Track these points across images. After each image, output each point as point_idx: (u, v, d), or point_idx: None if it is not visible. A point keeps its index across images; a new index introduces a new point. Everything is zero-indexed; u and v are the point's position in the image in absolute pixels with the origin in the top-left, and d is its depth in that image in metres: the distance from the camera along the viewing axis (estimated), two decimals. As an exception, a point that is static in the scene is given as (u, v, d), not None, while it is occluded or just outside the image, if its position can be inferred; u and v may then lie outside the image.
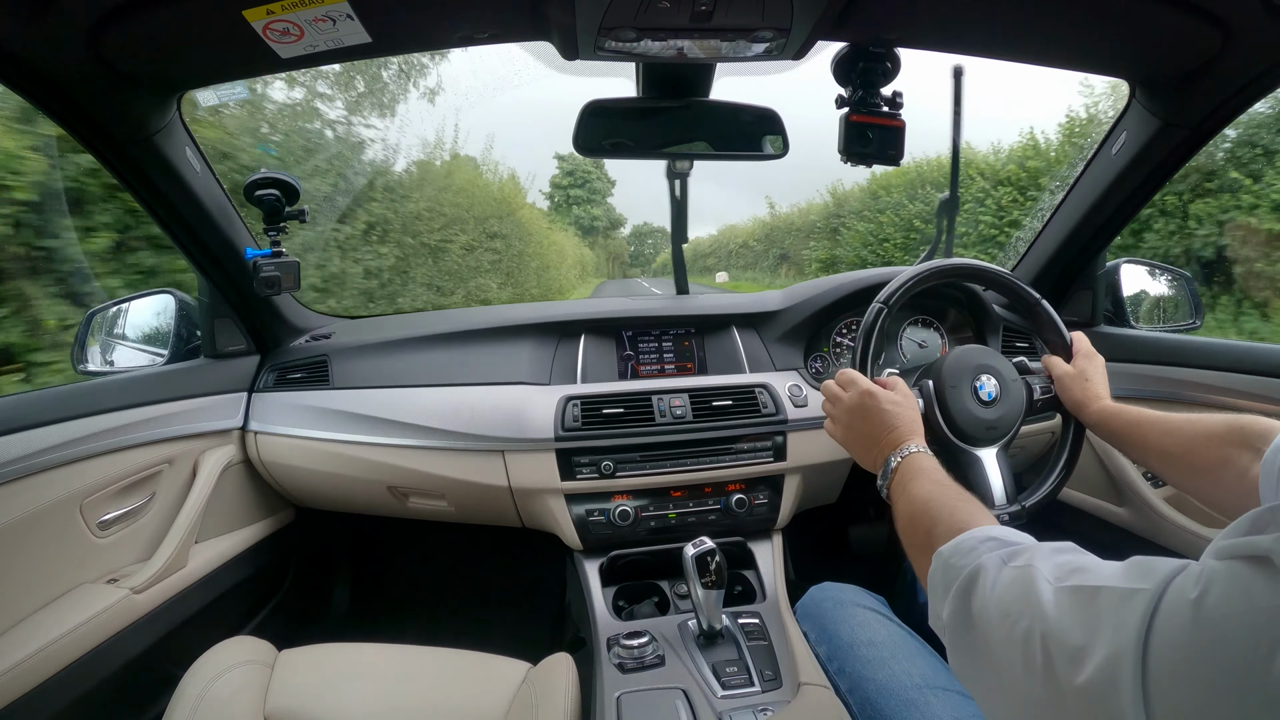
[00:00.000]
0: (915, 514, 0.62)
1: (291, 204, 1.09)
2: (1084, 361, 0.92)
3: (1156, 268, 1.37)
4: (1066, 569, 0.41)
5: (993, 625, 0.43)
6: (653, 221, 43.91)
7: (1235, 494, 0.69)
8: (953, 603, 0.47)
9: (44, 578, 0.88)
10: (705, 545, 0.91)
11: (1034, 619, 0.39)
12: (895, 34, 0.86)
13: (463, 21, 0.80)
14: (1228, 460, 0.69)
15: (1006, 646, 0.41)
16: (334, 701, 0.83)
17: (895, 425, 0.77)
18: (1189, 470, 0.74)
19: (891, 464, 0.72)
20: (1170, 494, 1.17)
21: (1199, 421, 0.75)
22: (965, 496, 0.62)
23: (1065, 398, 0.92)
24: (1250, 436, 0.68)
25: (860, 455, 0.81)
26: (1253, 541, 0.31)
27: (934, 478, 0.67)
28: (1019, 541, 0.49)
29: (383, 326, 1.33)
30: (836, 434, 0.85)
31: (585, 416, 1.12)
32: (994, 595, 0.44)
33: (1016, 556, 0.45)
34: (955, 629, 0.47)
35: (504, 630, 1.26)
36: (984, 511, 0.58)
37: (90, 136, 0.87)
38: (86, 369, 1.14)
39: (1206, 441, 0.72)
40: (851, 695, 0.81)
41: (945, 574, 0.50)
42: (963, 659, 0.47)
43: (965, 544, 0.51)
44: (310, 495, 1.29)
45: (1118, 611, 0.34)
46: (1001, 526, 0.53)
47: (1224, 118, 0.96)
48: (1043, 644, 0.38)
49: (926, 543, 0.57)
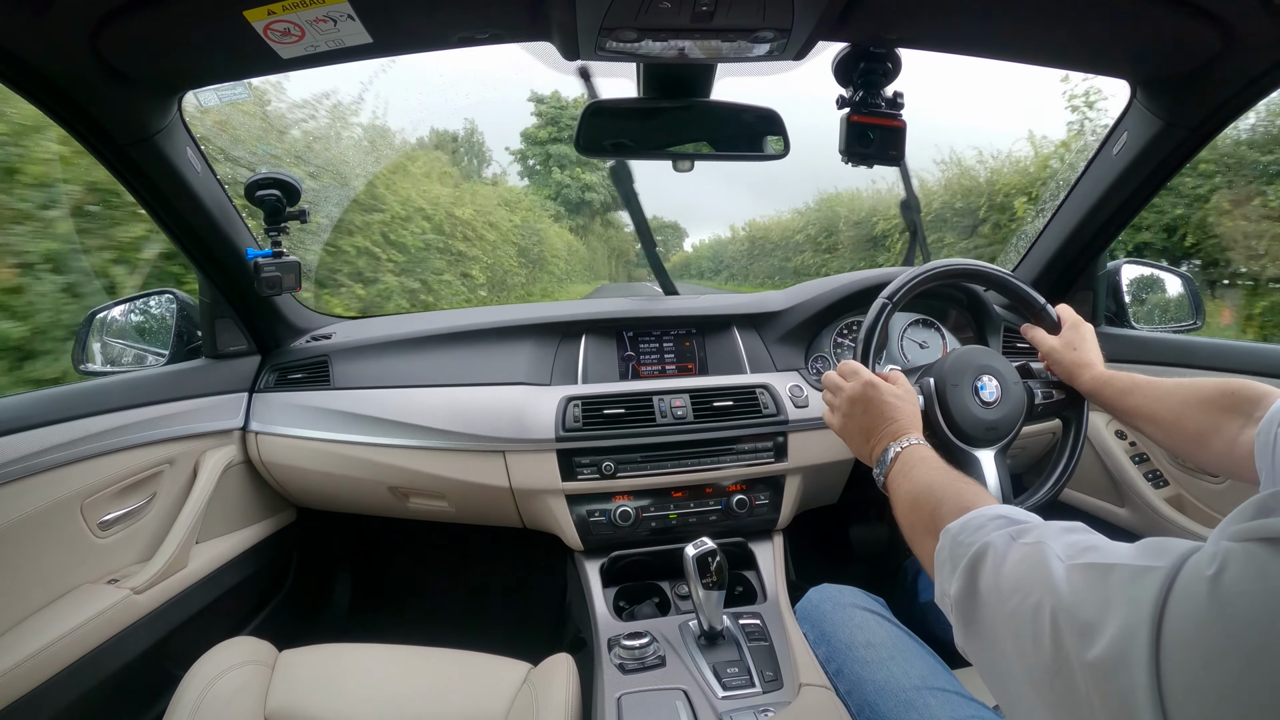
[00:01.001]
0: (918, 497, 0.62)
1: (292, 204, 1.09)
2: (1071, 332, 0.93)
3: (1157, 268, 1.37)
4: (1078, 547, 0.41)
5: (1002, 601, 0.43)
6: (663, 215, 38.96)
7: (1225, 460, 0.70)
8: (960, 579, 0.47)
9: (45, 578, 0.88)
10: (706, 546, 0.91)
11: (1045, 595, 0.39)
12: (896, 34, 0.86)
13: (463, 22, 0.80)
14: (1218, 427, 0.70)
15: (1016, 622, 0.41)
16: (334, 702, 0.83)
17: (895, 417, 0.77)
18: (1179, 436, 0.75)
19: (891, 453, 0.72)
20: (1170, 494, 1.17)
21: (1190, 386, 0.76)
22: (969, 481, 0.62)
23: (1057, 370, 0.93)
24: (1241, 402, 0.69)
25: (858, 445, 0.81)
26: (1267, 524, 0.31)
27: (935, 465, 0.66)
28: (1027, 520, 0.48)
29: (384, 327, 1.33)
30: (835, 423, 0.85)
31: (586, 417, 1.12)
32: (1004, 571, 0.44)
33: (1026, 534, 0.45)
34: (963, 605, 0.47)
35: (504, 631, 1.26)
36: (988, 494, 0.58)
37: (90, 136, 0.87)
38: (87, 369, 1.14)
39: (1197, 407, 0.73)
40: (850, 696, 0.81)
41: (954, 550, 0.50)
42: (970, 636, 0.47)
43: (974, 521, 0.50)
44: (311, 495, 1.29)
45: (1132, 588, 0.34)
46: (1010, 506, 0.52)
47: (1224, 118, 0.96)
48: (1053, 620, 0.37)
49: (931, 524, 0.56)
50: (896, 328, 1.32)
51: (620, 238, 27.48)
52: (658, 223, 34.66)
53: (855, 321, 1.33)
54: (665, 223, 34.79)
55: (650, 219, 1.50)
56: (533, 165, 21.10)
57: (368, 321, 1.41)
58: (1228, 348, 1.11)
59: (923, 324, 1.34)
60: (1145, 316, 1.35)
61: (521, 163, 21.27)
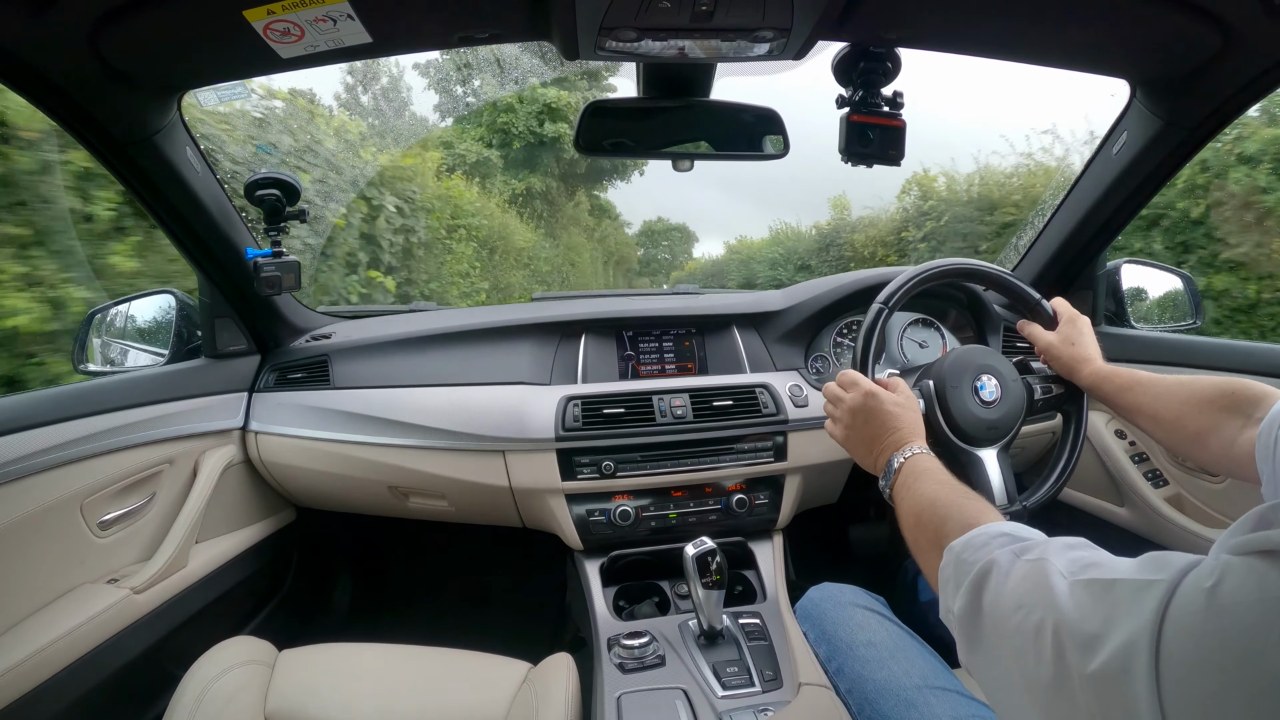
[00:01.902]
0: (923, 513, 0.62)
1: (292, 204, 1.09)
2: (1068, 326, 0.93)
3: (1157, 268, 1.37)
4: (1080, 563, 0.41)
5: (1005, 617, 0.43)
6: (669, 217, 29.17)
7: (1225, 460, 0.70)
8: (964, 596, 0.47)
9: (44, 578, 0.88)
10: (706, 545, 0.91)
11: (1048, 611, 0.39)
12: (896, 34, 0.86)
13: (463, 21, 0.80)
14: (1218, 426, 0.70)
15: (1018, 638, 0.41)
16: (334, 701, 0.83)
17: (897, 427, 0.77)
18: (1180, 434, 0.76)
19: (894, 465, 0.72)
20: (1170, 494, 1.17)
21: (1191, 385, 0.76)
22: (973, 495, 0.62)
23: (1056, 366, 0.93)
24: (1241, 402, 0.69)
25: (862, 457, 0.81)
26: (1266, 536, 0.31)
27: (939, 478, 0.67)
28: (1031, 537, 0.49)
29: (383, 326, 1.33)
30: (838, 435, 0.85)
31: (586, 416, 1.12)
32: (1007, 588, 0.44)
33: (1029, 550, 0.45)
34: (966, 622, 0.47)
35: (504, 630, 1.26)
36: (992, 509, 0.58)
37: (90, 136, 0.87)
38: (87, 369, 1.14)
39: (1198, 406, 0.73)
40: (850, 696, 0.81)
41: (957, 569, 0.50)
42: (973, 652, 0.47)
43: (977, 539, 0.51)
44: (311, 495, 1.29)
45: (1133, 601, 0.34)
46: (1013, 523, 0.53)
47: (1224, 118, 0.96)
48: (1055, 635, 0.38)
49: (936, 540, 0.57)
50: (896, 327, 1.32)
51: (617, 240, 19.17)
52: (663, 225, 29.84)
53: (855, 321, 1.33)
54: (671, 225, 29.83)
55: (652, 219, 1.42)
56: (453, 87, 10.91)
57: (367, 321, 1.41)
58: (1228, 347, 1.11)
59: (922, 323, 1.34)
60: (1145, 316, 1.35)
61: (438, 90, 11.03)
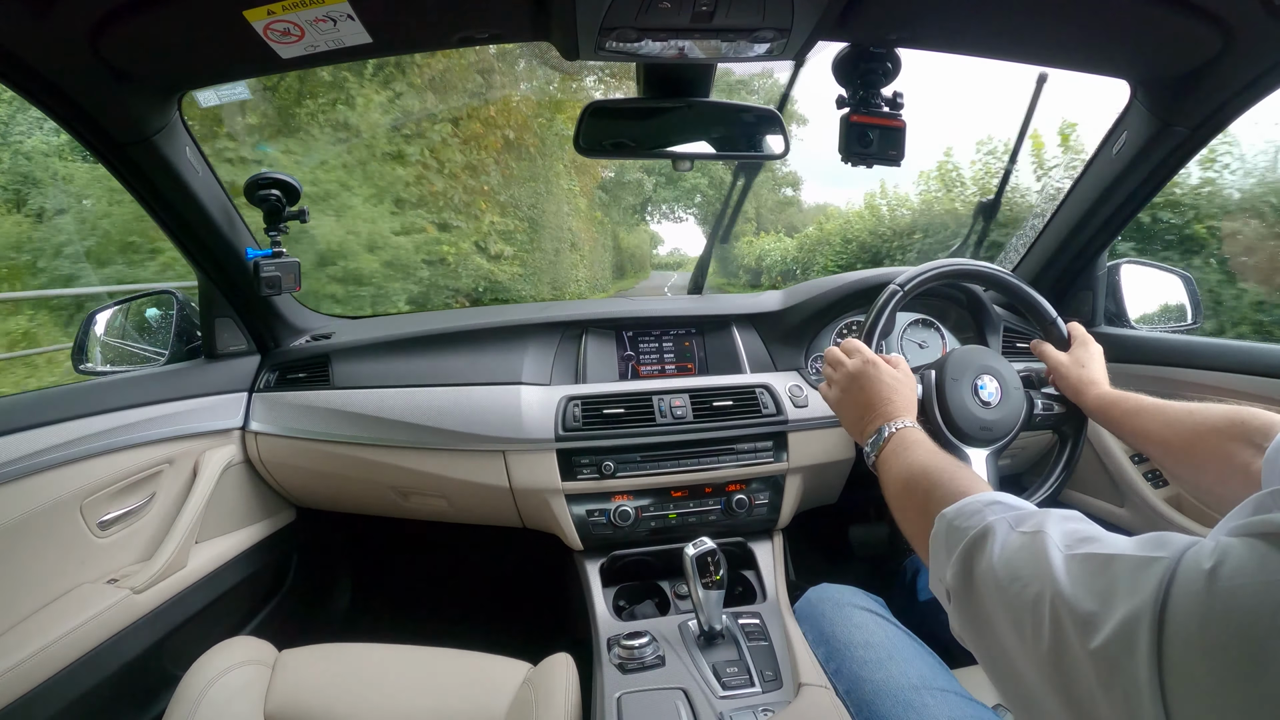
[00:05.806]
0: (912, 478, 0.62)
1: (292, 204, 1.09)
2: (1080, 349, 0.93)
3: (1157, 268, 1.37)
4: (1076, 536, 0.41)
5: (1000, 589, 0.42)
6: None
7: (1240, 489, 0.69)
8: (956, 565, 0.47)
9: (44, 578, 0.88)
10: (706, 545, 0.91)
11: (1045, 584, 0.39)
12: (896, 34, 0.86)
13: (463, 22, 0.80)
14: (1231, 455, 0.69)
15: (1014, 611, 0.41)
16: (334, 701, 0.83)
17: (891, 399, 0.77)
18: (1190, 464, 0.75)
19: (885, 433, 0.72)
20: (1170, 494, 1.17)
21: (1199, 413, 0.75)
22: (963, 465, 0.62)
23: (1062, 385, 0.93)
24: (1250, 431, 0.68)
25: (851, 422, 0.81)
26: (1268, 519, 0.31)
27: (930, 449, 0.66)
28: (1023, 506, 0.48)
29: (384, 326, 1.33)
30: (831, 397, 0.85)
31: (586, 416, 1.12)
32: (1001, 559, 0.43)
33: (1025, 521, 0.45)
34: (958, 591, 0.47)
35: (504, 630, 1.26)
36: (983, 481, 0.58)
37: (90, 136, 0.87)
38: (86, 369, 1.14)
39: (1208, 435, 0.72)
40: (849, 696, 0.81)
41: (949, 536, 0.50)
42: (965, 622, 0.47)
43: (970, 507, 0.50)
44: (311, 495, 1.29)
45: (1133, 578, 0.34)
46: (1004, 493, 0.52)
47: (1224, 118, 0.96)
48: (1053, 609, 0.38)
49: (924, 506, 0.56)
50: (897, 327, 1.32)
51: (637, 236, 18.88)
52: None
53: (855, 321, 1.33)
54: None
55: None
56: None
57: (367, 321, 1.41)
58: (1228, 348, 1.11)
59: (923, 324, 1.33)
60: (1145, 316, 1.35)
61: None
